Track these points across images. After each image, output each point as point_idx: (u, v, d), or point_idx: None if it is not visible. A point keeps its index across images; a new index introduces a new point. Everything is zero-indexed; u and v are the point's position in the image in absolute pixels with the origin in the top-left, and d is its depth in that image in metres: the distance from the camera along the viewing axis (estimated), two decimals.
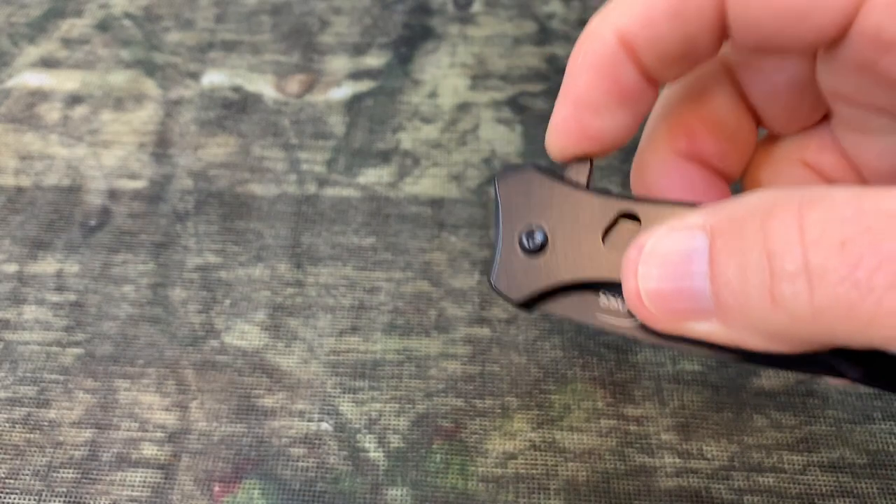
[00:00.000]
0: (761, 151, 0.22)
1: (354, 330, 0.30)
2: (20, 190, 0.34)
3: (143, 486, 0.26)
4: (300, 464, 0.26)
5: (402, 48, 0.40)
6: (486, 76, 0.39)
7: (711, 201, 0.17)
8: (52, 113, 0.37)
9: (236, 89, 0.38)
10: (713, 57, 0.19)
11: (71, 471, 0.26)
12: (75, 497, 0.26)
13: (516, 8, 0.42)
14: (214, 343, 0.29)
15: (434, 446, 0.27)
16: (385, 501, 0.25)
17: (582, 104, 0.19)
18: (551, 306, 0.20)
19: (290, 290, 0.31)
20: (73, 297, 0.31)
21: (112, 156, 0.35)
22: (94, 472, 0.26)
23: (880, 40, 0.16)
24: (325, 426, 0.27)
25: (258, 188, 0.34)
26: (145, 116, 0.37)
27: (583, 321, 0.20)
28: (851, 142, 0.20)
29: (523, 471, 0.26)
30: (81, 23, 0.41)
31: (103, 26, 0.41)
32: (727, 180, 0.22)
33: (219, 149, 0.36)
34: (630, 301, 0.17)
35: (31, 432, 0.27)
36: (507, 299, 0.20)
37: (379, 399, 0.28)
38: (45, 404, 0.28)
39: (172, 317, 0.30)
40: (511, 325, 0.30)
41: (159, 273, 0.31)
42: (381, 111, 0.37)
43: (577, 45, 0.19)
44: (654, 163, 0.21)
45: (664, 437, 0.27)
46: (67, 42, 0.40)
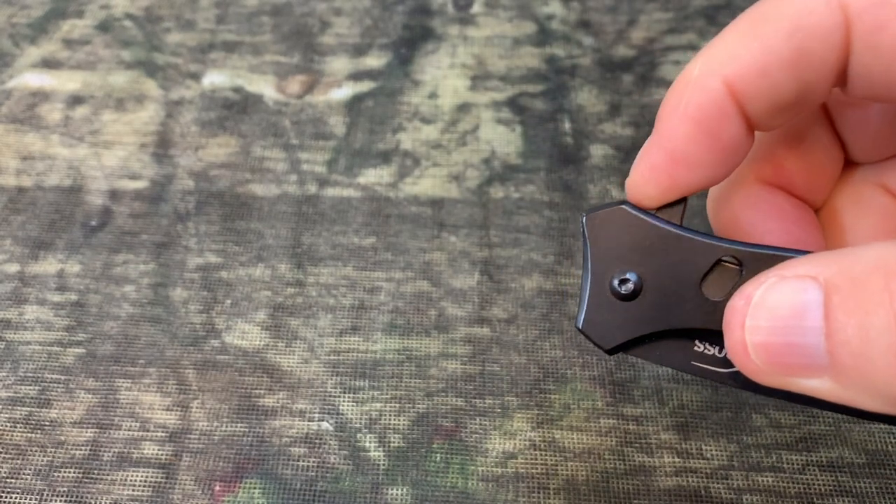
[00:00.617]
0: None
1: (355, 330, 0.30)
2: (21, 190, 0.34)
3: (145, 486, 0.26)
4: (301, 463, 0.26)
5: (403, 49, 0.40)
6: (485, 77, 0.39)
7: (811, 240, 0.16)
8: (53, 113, 0.37)
9: (237, 90, 0.38)
10: (819, 104, 0.18)
11: (72, 470, 0.26)
12: (76, 496, 0.26)
13: (516, 9, 0.42)
14: (215, 343, 0.29)
15: (434, 446, 0.27)
16: (385, 501, 0.25)
17: (679, 158, 0.18)
18: (642, 351, 0.19)
19: (290, 290, 0.31)
20: (74, 296, 0.31)
21: (113, 156, 0.36)
22: (96, 472, 0.26)
23: None
24: (326, 426, 0.27)
25: (259, 188, 0.34)
26: (146, 117, 0.37)
27: (675, 367, 0.19)
28: None
29: (523, 470, 0.26)
30: (82, 23, 0.41)
31: (104, 27, 0.41)
32: (812, 207, 0.21)
33: (220, 149, 0.36)
34: (734, 353, 0.16)
35: (32, 432, 0.27)
36: (597, 345, 0.19)
37: (379, 399, 0.28)
38: (47, 404, 0.28)
39: (173, 317, 0.30)
40: (511, 325, 0.30)
41: (160, 273, 0.31)
42: (381, 112, 0.37)
43: (675, 91, 0.18)
44: (738, 192, 0.20)
45: (663, 436, 0.27)
46: (69, 43, 0.40)
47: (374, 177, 0.35)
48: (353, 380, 0.28)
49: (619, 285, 0.19)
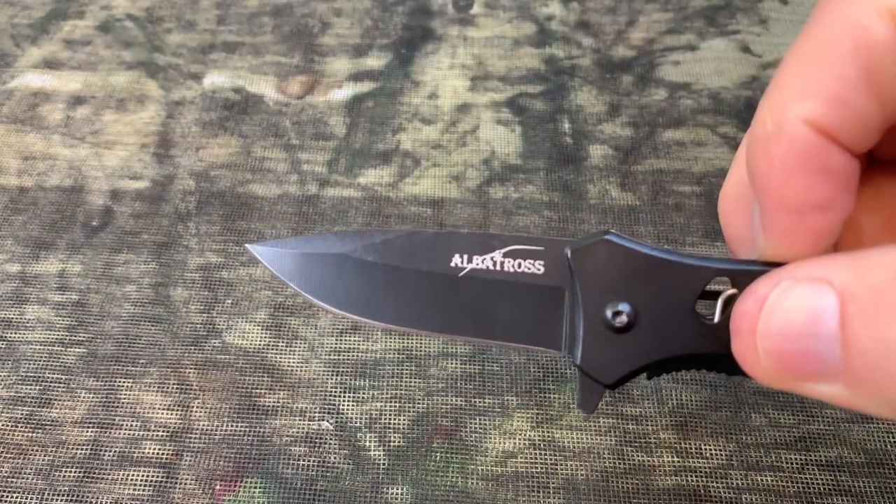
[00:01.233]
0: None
1: (355, 329, 0.30)
2: (23, 190, 0.34)
3: (145, 485, 0.26)
4: (301, 462, 0.26)
5: (403, 49, 0.40)
6: (485, 77, 0.39)
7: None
8: (54, 114, 0.37)
9: (238, 90, 0.38)
10: None
11: (73, 470, 0.26)
12: (77, 496, 0.26)
13: (516, 10, 0.42)
14: (216, 342, 0.29)
15: (434, 445, 0.27)
16: (385, 500, 0.26)
17: (806, 208, 0.17)
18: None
19: (290, 290, 0.31)
20: (75, 296, 0.31)
21: (114, 156, 0.36)
22: (97, 471, 0.26)
23: None
24: (326, 425, 0.27)
25: (259, 188, 0.34)
26: (147, 117, 0.37)
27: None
28: None
29: (523, 469, 0.26)
30: (83, 24, 0.42)
31: (105, 27, 0.41)
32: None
33: (220, 149, 0.36)
34: (743, 358, 0.16)
35: (33, 431, 0.27)
36: (597, 382, 0.19)
37: (379, 398, 0.28)
38: (48, 403, 0.28)
39: (174, 316, 0.30)
40: None
41: (161, 273, 0.31)
42: (381, 112, 0.37)
43: (757, 147, 0.17)
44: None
45: (663, 435, 0.27)
46: (70, 43, 0.41)
47: (375, 177, 0.35)
48: (354, 379, 0.28)
49: (613, 318, 0.19)
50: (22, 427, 0.27)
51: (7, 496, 0.26)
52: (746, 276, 0.17)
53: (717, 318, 0.18)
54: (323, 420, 0.27)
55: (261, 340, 0.29)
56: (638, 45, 0.40)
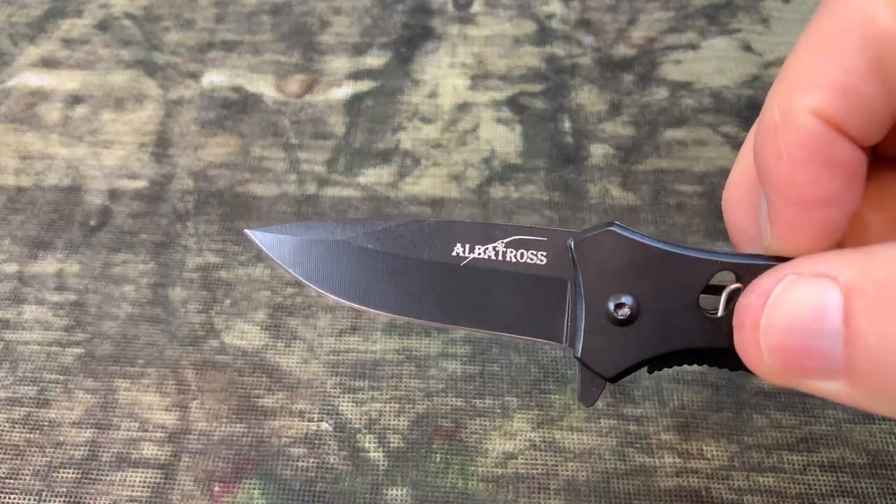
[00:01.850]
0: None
1: (354, 330, 0.30)
2: (20, 190, 0.34)
3: (144, 486, 0.26)
4: (300, 464, 0.26)
5: (402, 48, 0.40)
6: (485, 76, 0.39)
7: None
8: (52, 113, 0.37)
9: (236, 89, 0.38)
10: None
11: (71, 471, 0.26)
12: (75, 497, 0.26)
13: (516, 8, 0.42)
14: (214, 343, 0.29)
15: (434, 446, 0.27)
16: (385, 501, 0.25)
17: (811, 202, 0.16)
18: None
19: (289, 290, 0.31)
20: (73, 296, 0.31)
21: (112, 156, 0.35)
22: (94, 472, 0.26)
23: None
24: (325, 426, 0.27)
25: (258, 188, 0.34)
26: (145, 116, 0.37)
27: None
28: None
29: (523, 470, 0.26)
30: (82, 23, 0.41)
31: (103, 26, 0.41)
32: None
33: (219, 149, 0.36)
34: (745, 353, 0.16)
35: (31, 432, 0.27)
36: (598, 375, 0.19)
37: (379, 399, 0.28)
38: (45, 404, 0.28)
39: (172, 317, 0.30)
40: None
41: (159, 273, 0.31)
42: (381, 111, 0.37)
43: (765, 138, 0.17)
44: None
45: (664, 436, 0.27)
46: (68, 42, 0.40)
47: (374, 176, 0.34)
48: (353, 380, 0.28)
49: (616, 310, 0.18)
50: (19, 428, 0.27)
51: (4, 497, 0.26)
52: (751, 271, 0.17)
53: (720, 313, 0.18)
54: (322, 421, 0.27)
55: (259, 341, 0.29)
56: (639, 44, 0.40)
